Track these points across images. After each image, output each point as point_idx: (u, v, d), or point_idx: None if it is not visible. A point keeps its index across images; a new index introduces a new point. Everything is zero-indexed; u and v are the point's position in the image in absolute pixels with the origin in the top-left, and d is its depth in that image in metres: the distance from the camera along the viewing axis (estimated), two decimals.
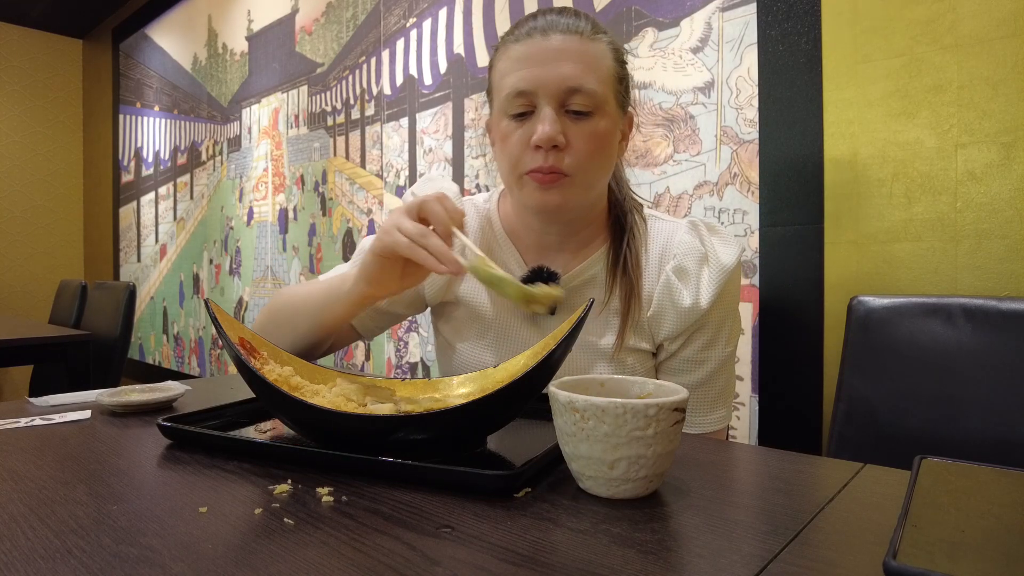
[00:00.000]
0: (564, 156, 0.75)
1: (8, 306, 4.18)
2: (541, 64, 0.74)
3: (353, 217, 2.32)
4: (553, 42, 0.75)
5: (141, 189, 3.89)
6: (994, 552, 0.34)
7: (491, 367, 0.69)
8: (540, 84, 0.74)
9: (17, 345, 2.15)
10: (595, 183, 0.79)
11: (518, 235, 0.88)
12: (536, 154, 0.75)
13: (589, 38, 0.76)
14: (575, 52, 0.74)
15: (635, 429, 0.45)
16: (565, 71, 0.73)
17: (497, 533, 0.41)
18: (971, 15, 1.02)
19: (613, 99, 0.77)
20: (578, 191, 0.77)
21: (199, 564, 0.37)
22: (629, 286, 0.81)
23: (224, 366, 3.08)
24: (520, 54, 0.76)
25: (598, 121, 0.76)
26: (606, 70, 0.76)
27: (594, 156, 0.76)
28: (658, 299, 0.81)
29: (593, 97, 0.74)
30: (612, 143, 0.79)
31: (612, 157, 0.80)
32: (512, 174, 0.79)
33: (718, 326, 0.82)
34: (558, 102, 0.74)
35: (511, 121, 0.77)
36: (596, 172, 0.78)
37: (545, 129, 0.73)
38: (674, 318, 0.80)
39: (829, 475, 0.54)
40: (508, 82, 0.77)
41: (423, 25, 2.04)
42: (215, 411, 0.69)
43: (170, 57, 3.59)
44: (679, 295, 0.79)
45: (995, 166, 1.01)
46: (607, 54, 0.77)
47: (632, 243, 0.83)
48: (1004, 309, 0.90)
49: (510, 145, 0.77)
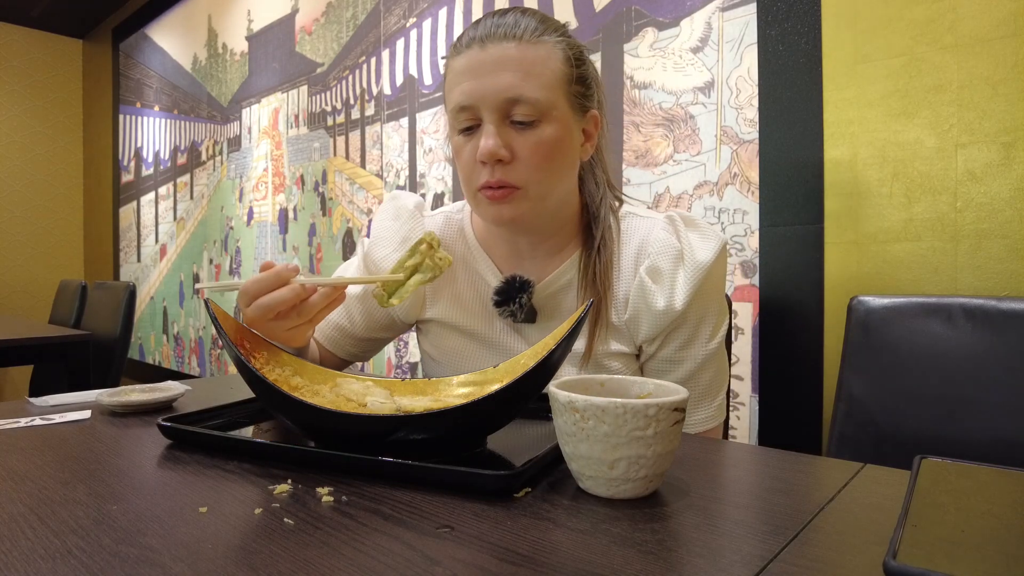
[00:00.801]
0: (511, 169, 0.73)
1: (8, 306, 4.18)
2: (479, 76, 0.72)
3: (353, 217, 2.32)
4: (490, 52, 0.72)
5: (141, 189, 3.89)
6: (994, 552, 0.34)
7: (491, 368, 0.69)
8: (479, 97, 0.72)
9: (17, 345, 2.15)
10: (550, 192, 0.77)
11: (491, 245, 0.86)
12: (484, 169, 0.74)
13: (529, 42, 0.72)
14: (513, 60, 0.72)
15: (635, 429, 0.45)
16: (502, 82, 0.71)
17: (497, 533, 0.41)
18: (971, 15, 1.02)
19: (564, 102, 0.74)
20: (531, 202, 0.75)
21: (199, 564, 0.37)
22: (597, 295, 0.79)
23: (224, 366, 3.08)
24: (461, 67, 0.74)
25: (544, 129, 0.73)
26: (551, 74, 0.73)
27: (543, 165, 0.74)
28: (633, 302, 0.79)
29: (535, 105, 0.72)
30: (564, 149, 0.76)
31: (568, 163, 0.77)
32: (468, 190, 0.78)
33: (696, 325, 0.79)
34: (499, 114, 0.73)
35: (460, 136, 0.76)
36: (549, 181, 0.75)
37: (487, 144, 0.72)
38: (649, 320, 0.78)
39: (829, 475, 0.54)
40: (452, 97, 0.75)
41: (423, 25, 2.04)
42: (215, 411, 0.69)
43: (170, 57, 3.59)
44: (653, 297, 0.77)
45: (995, 166, 1.01)
46: (553, 56, 0.74)
47: (602, 249, 0.80)
48: (1004, 309, 0.90)
49: (462, 161, 0.77)
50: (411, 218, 0.87)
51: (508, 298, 0.81)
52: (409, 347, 2.12)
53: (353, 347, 0.91)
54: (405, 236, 0.85)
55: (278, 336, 0.71)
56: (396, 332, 0.93)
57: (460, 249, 0.88)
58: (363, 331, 0.90)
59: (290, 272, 0.68)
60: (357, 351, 0.92)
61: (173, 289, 3.53)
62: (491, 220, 0.78)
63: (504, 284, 0.81)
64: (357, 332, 0.90)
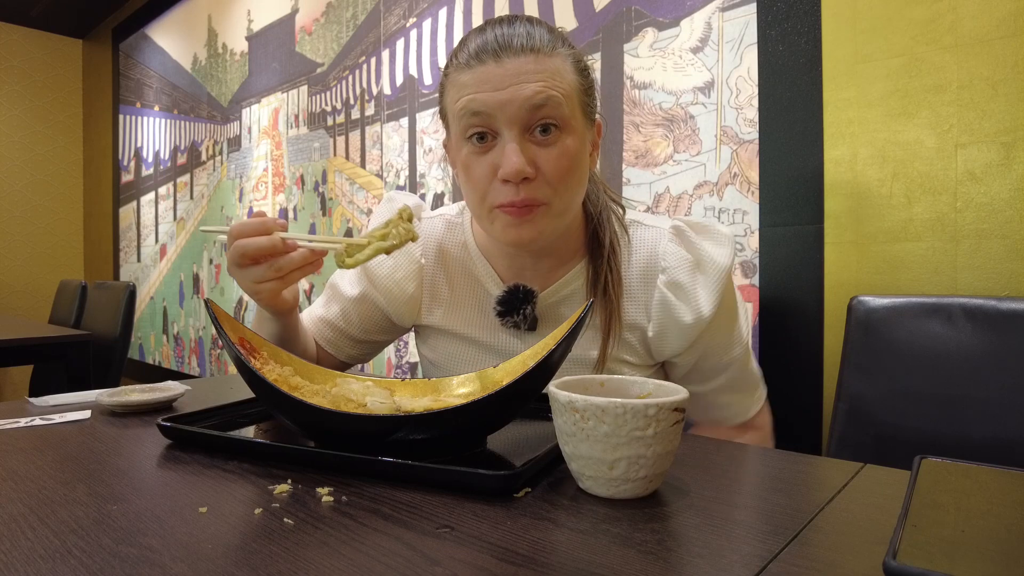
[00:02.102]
0: (535, 186, 0.70)
1: (8, 306, 4.18)
2: (499, 88, 0.68)
3: (353, 217, 2.32)
4: (508, 65, 0.68)
5: (141, 189, 3.89)
6: (994, 552, 0.34)
7: (491, 368, 0.69)
8: (498, 109, 0.68)
9: (17, 345, 2.15)
10: (571, 206, 0.75)
11: (492, 252, 0.84)
12: (505, 188, 0.70)
13: (547, 54, 0.70)
14: (533, 72, 0.68)
15: (635, 429, 0.45)
16: (525, 92, 0.68)
17: (497, 533, 0.41)
18: (971, 15, 1.02)
19: (579, 112, 0.73)
20: (554, 219, 0.73)
21: (199, 564, 0.37)
22: (610, 306, 0.78)
23: (224, 366, 3.08)
24: (473, 79, 0.70)
25: (566, 140, 0.71)
26: (569, 85, 0.71)
27: (567, 179, 0.71)
28: (657, 318, 0.78)
29: (560, 116, 0.70)
30: (583, 160, 0.74)
31: (585, 174, 0.76)
32: (481, 207, 0.74)
33: (729, 325, 0.81)
34: (520, 126, 0.69)
35: (471, 147, 0.72)
36: (571, 194, 0.73)
37: (513, 162, 0.68)
38: (678, 335, 0.77)
39: (829, 475, 0.54)
40: (461, 104, 0.71)
41: (423, 25, 2.04)
42: (215, 411, 0.69)
43: (170, 57, 3.59)
44: (679, 311, 0.76)
45: (995, 166, 1.01)
46: (566, 67, 0.72)
47: (613, 260, 0.79)
48: (1004, 309, 0.90)
49: (475, 178, 0.72)
50: (419, 210, 0.87)
51: (511, 308, 0.80)
52: (409, 348, 2.12)
53: (351, 349, 0.91)
54: None
55: (248, 287, 0.70)
56: (393, 335, 0.93)
57: (460, 255, 0.87)
58: (360, 333, 0.90)
59: (275, 225, 0.68)
60: (355, 353, 0.92)
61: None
62: (509, 241, 0.74)
63: (507, 294, 0.80)
64: (354, 333, 0.90)
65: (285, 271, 0.68)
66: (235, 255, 0.68)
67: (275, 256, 0.68)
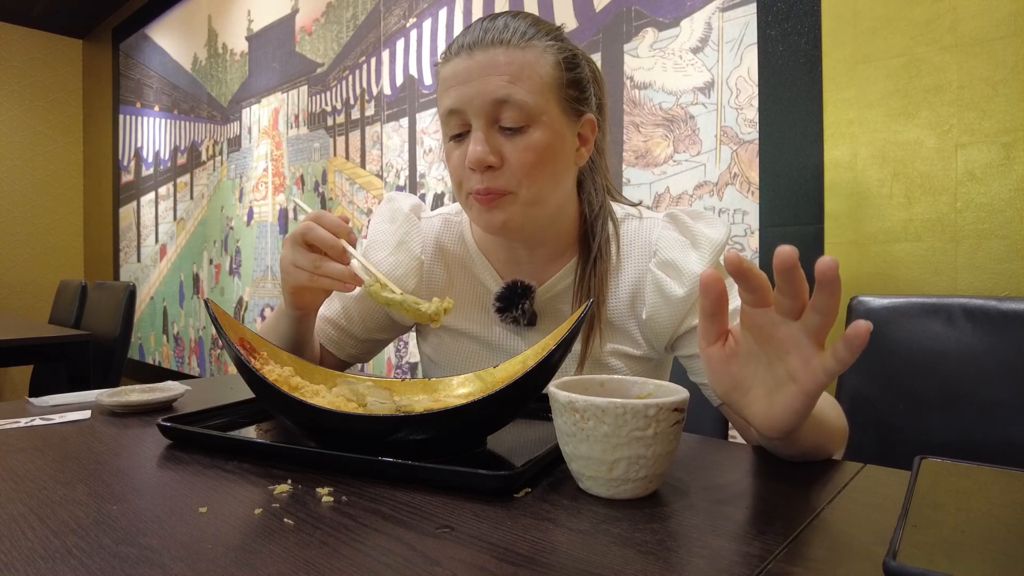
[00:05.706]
0: (500, 175, 0.73)
1: (8, 306, 4.18)
2: (467, 81, 0.72)
3: (353, 217, 2.32)
4: (477, 58, 0.72)
5: (141, 189, 3.89)
6: (994, 552, 0.34)
7: (491, 368, 0.69)
8: (466, 102, 0.72)
9: (17, 345, 2.15)
10: (542, 197, 0.76)
11: (489, 250, 0.86)
12: (474, 176, 0.74)
13: (517, 46, 0.72)
14: (500, 65, 0.71)
15: (635, 429, 0.45)
16: (488, 85, 0.71)
17: (497, 533, 0.41)
18: (971, 15, 1.02)
19: (555, 107, 0.74)
20: (523, 208, 0.75)
21: (199, 564, 0.37)
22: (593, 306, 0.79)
23: (224, 366, 3.08)
24: (450, 73, 0.74)
25: (533, 134, 0.72)
26: (540, 78, 0.72)
27: (533, 171, 0.73)
28: (650, 300, 0.78)
29: (523, 109, 0.71)
30: (556, 154, 0.75)
31: (560, 168, 0.76)
32: (460, 194, 0.78)
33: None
34: (487, 119, 0.72)
35: (451, 142, 0.76)
36: (540, 186, 0.74)
37: (475, 151, 0.72)
38: (669, 310, 0.77)
39: (829, 475, 0.54)
40: (442, 103, 0.75)
41: (423, 25, 2.04)
42: (215, 411, 0.69)
43: (170, 57, 3.59)
44: (669, 288, 0.76)
45: (995, 166, 1.01)
46: (543, 60, 0.73)
47: (598, 261, 0.80)
48: (1004, 309, 0.90)
49: (452, 167, 0.77)
50: (406, 221, 0.87)
51: (510, 304, 0.81)
52: (409, 347, 2.12)
53: (353, 348, 0.92)
54: (401, 239, 0.85)
55: (286, 264, 0.73)
56: (394, 333, 0.94)
57: (459, 253, 0.88)
58: (361, 331, 0.90)
59: (347, 235, 0.72)
60: (357, 352, 0.93)
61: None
62: (483, 226, 0.77)
63: (506, 290, 0.81)
64: (355, 331, 0.90)
65: (322, 270, 0.71)
66: (301, 230, 0.71)
67: (326, 257, 0.71)
